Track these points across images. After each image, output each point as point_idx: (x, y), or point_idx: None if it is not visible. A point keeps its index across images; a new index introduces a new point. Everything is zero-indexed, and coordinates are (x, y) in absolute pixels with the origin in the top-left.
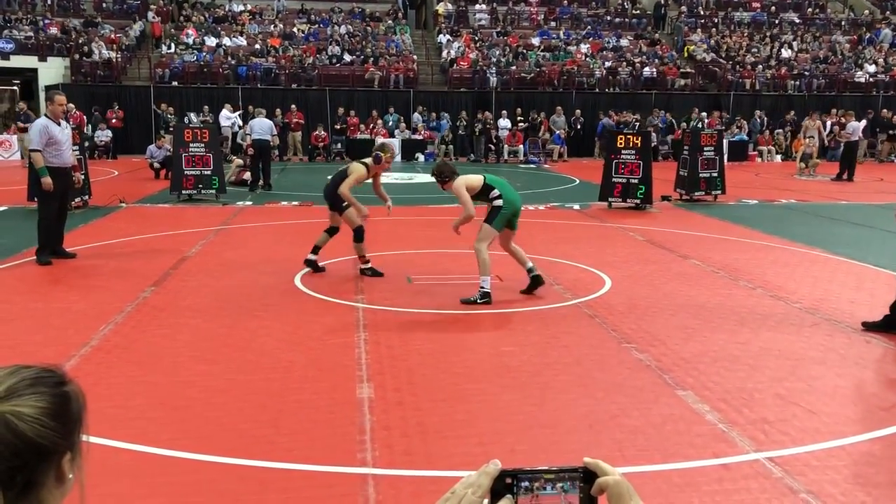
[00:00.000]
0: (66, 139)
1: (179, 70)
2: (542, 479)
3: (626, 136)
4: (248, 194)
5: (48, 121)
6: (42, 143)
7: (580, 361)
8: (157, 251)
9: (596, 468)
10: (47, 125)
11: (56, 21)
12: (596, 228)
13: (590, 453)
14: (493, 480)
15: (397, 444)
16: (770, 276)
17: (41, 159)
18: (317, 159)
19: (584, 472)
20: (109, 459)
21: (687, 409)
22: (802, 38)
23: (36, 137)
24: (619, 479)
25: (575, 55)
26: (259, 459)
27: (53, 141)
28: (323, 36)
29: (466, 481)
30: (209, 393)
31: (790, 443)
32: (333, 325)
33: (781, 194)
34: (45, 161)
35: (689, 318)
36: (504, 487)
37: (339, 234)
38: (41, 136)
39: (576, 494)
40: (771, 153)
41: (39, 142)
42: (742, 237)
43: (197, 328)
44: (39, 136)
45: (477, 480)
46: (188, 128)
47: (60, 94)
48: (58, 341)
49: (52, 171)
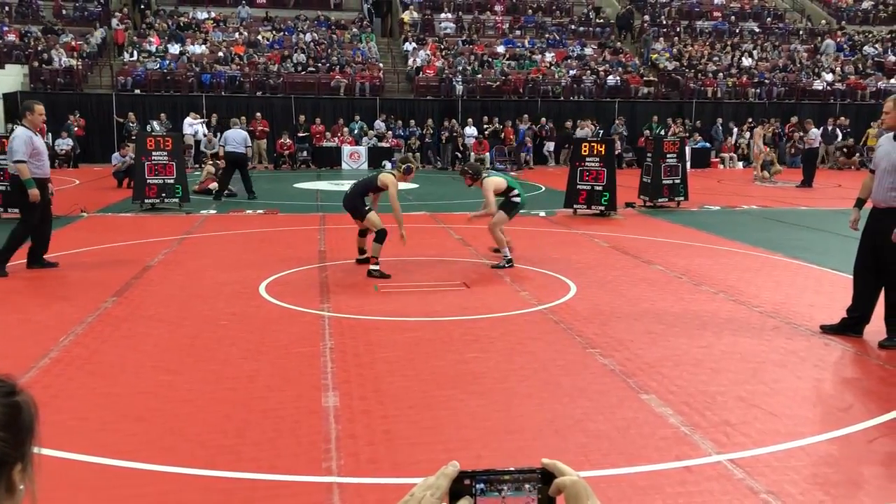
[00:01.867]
0: (45, 150)
1: (142, 78)
2: (500, 481)
3: (591, 143)
4: (213, 203)
5: (30, 131)
6: (27, 153)
7: (545, 367)
8: (119, 261)
9: (554, 469)
10: (31, 136)
11: (14, 28)
12: (561, 235)
13: (554, 458)
14: (451, 482)
15: (363, 452)
16: (732, 280)
17: (27, 171)
18: (282, 167)
19: (543, 474)
20: (67, 472)
21: (650, 412)
22: (762, 46)
23: (21, 148)
24: (576, 479)
25: (540, 64)
26: (223, 469)
27: (37, 151)
28: (288, 44)
29: (425, 483)
30: (172, 403)
31: (751, 444)
32: (299, 333)
33: (743, 200)
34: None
35: (652, 322)
36: (463, 488)
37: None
38: (27, 146)
39: (535, 496)
40: (733, 160)
41: (25, 152)
42: (705, 243)
43: (159, 338)
44: (25, 147)
45: (435, 482)
46: (150, 136)
47: (39, 103)
48: (16, 353)
49: (36, 182)
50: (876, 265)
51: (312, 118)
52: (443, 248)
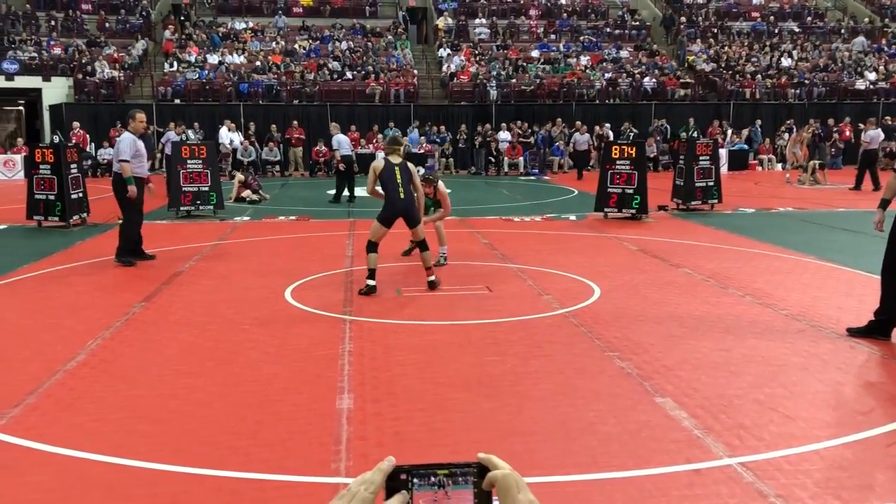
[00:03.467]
0: (145, 152)
1: (182, 88)
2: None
3: (622, 146)
4: (247, 209)
5: (133, 136)
6: (131, 154)
7: (561, 370)
8: (151, 267)
9: (488, 463)
10: (135, 139)
11: (60, 42)
12: (590, 238)
13: (563, 461)
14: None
15: (372, 454)
16: (760, 283)
17: (129, 169)
18: (318, 174)
19: (479, 468)
20: (84, 472)
21: (664, 415)
22: (802, 46)
23: (127, 150)
24: (507, 472)
25: (575, 67)
26: (234, 470)
27: (139, 153)
28: (324, 52)
29: (361, 478)
30: (190, 406)
31: (764, 448)
32: (320, 337)
33: (779, 202)
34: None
35: (674, 326)
36: (399, 483)
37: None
38: (131, 148)
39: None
40: (771, 162)
41: (130, 153)
42: (736, 245)
43: (183, 342)
44: (129, 149)
45: (371, 477)
46: (185, 144)
47: (140, 111)
48: (45, 356)
49: (136, 181)
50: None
51: (348, 125)
52: (469, 251)
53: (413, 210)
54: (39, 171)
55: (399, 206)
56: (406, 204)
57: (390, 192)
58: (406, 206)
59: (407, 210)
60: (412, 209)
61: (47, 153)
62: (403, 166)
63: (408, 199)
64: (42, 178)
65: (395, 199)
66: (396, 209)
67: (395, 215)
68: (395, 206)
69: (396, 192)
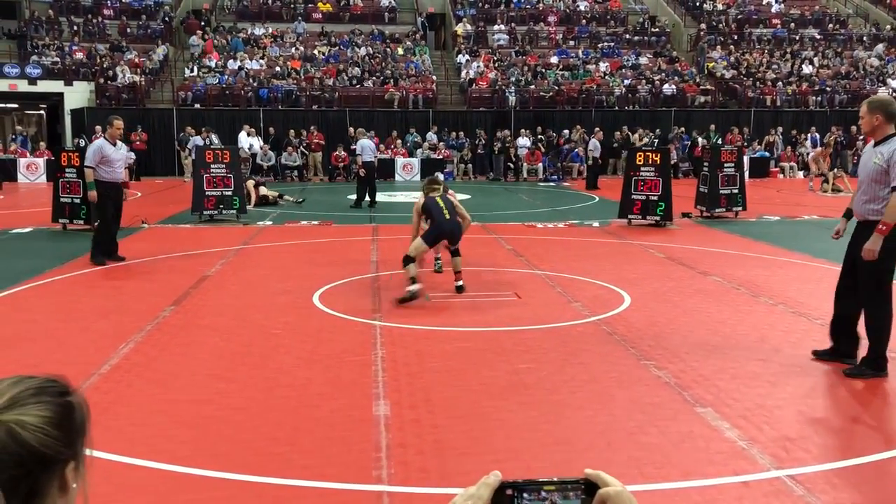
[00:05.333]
0: (119, 158)
1: (202, 93)
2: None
3: (646, 152)
4: (270, 214)
5: (104, 142)
6: (95, 161)
7: (597, 378)
8: (177, 271)
9: (597, 479)
10: (102, 146)
11: (82, 46)
12: (615, 245)
13: (607, 471)
14: (493, 492)
15: (413, 462)
16: (792, 292)
17: (91, 175)
18: (337, 179)
19: (586, 484)
20: (126, 476)
21: (706, 426)
22: (824, 53)
23: (91, 156)
24: (620, 489)
25: (594, 73)
26: (275, 477)
27: (106, 159)
28: (343, 58)
29: (466, 493)
30: (226, 411)
31: (812, 460)
32: (351, 342)
33: (804, 210)
34: (97, 176)
35: (708, 335)
36: (505, 499)
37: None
38: (96, 155)
39: None
40: (793, 169)
41: (94, 160)
42: (764, 253)
43: (215, 346)
44: (94, 156)
45: (477, 492)
46: (209, 149)
47: (119, 118)
48: (78, 360)
49: (105, 185)
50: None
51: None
52: (494, 258)
53: (458, 231)
54: (65, 175)
55: (446, 227)
56: (452, 224)
57: (436, 216)
58: (452, 227)
59: (452, 231)
60: (457, 230)
61: (73, 157)
62: (444, 196)
63: (452, 220)
64: (67, 181)
65: (442, 221)
66: (443, 230)
67: (441, 236)
68: (441, 227)
69: (442, 214)
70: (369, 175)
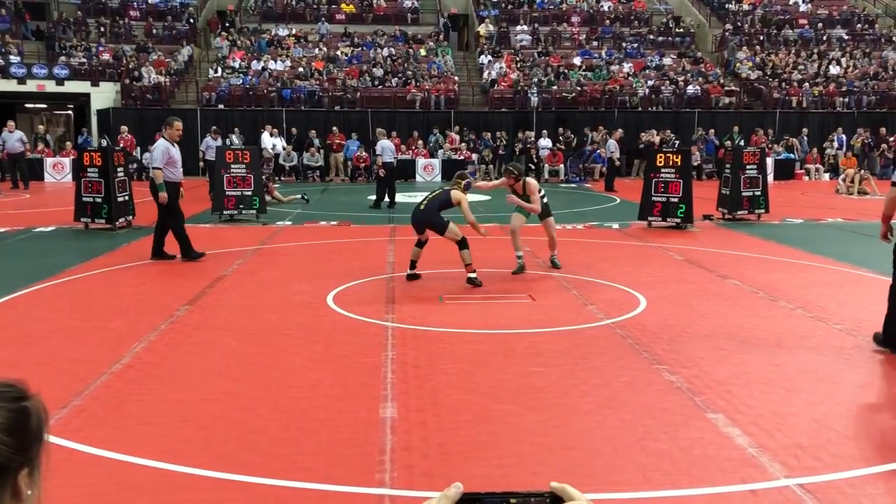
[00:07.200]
0: (180, 158)
1: (226, 93)
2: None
3: (666, 154)
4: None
5: (167, 143)
6: (163, 161)
7: (609, 383)
8: (194, 270)
9: (562, 493)
10: (168, 146)
11: (108, 47)
12: (634, 248)
13: (613, 477)
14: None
15: (417, 465)
16: (812, 296)
17: (161, 176)
18: (358, 180)
19: (551, 497)
20: (128, 475)
21: (717, 432)
22: (851, 54)
23: (159, 157)
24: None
25: (617, 74)
26: (277, 478)
27: (172, 160)
28: (366, 58)
29: None
30: (234, 411)
31: (824, 469)
32: (362, 343)
33: (828, 213)
34: (164, 177)
35: (724, 339)
36: None
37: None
38: (164, 156)
39: None
40: (819, 171)
41: (161, 161)
42: (785, 257)
43: (227, 346)
44: (162, 156)
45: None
46: (229, 149)
47: (178, 119)
48: (91, 359)
49: (172, 185)
50: None
51: (388, 132)
52: (510, 259)
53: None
54: (88, 174)
55: (413, 217)
56: (416, 216)
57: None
58: (415, 218)
59: (417, 221)
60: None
61: (95, 157)
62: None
63: (418, 212)
64: (90, 180)
65: (414, 211)
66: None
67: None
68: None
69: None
70: (389, 176)
